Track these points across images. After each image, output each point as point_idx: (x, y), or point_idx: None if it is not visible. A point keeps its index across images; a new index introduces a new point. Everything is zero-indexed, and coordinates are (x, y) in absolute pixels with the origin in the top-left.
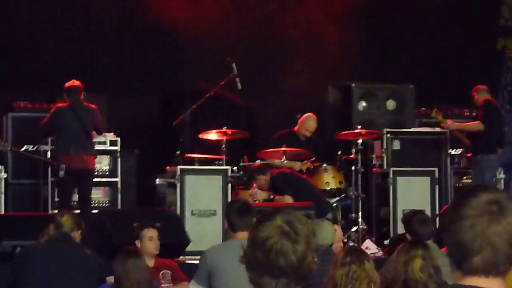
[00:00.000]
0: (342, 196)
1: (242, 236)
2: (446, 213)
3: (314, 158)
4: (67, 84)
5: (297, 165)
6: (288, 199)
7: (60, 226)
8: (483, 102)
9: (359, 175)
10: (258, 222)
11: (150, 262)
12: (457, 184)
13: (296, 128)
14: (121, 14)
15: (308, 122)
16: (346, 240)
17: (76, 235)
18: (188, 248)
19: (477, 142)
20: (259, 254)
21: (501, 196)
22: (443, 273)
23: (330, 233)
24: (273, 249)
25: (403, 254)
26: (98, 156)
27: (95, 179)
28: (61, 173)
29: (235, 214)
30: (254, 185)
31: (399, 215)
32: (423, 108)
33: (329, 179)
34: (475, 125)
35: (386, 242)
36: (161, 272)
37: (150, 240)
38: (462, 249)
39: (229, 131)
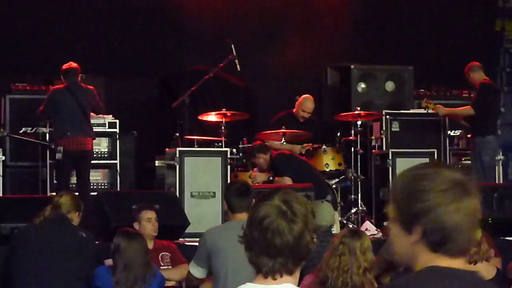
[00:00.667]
0: (341, 177)
1: (242, 217)
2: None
3: (312, 141)
4: (65, 66)
5: (296, 148)
6: (287, 181)
7: (58, 207)
8: (479, 85)
9: (358, 157)
10: (257, 201)
11: (149, 244)
12: (456, 165)
13: (294, 110)
14: None
15: (305, 103)
16: (345, 221)
17: (74, 216)
18: (187, 230)
19: (474, 125)
20: (256, 234)
21: (460, 174)
22: None
23: (330, 214)
24: (269, 229)
25: None
26: (97, 138)
27: (94, 161)
28: (59, 156)
29: (235, 195)
30: (255, 169)
31: None
32: (422, 90)
33: (329, 161)
34: (466, 109)
35: (385, 223)
36: (160, 254)
37: (148, 222)
38: (447, 233)
39: (229, 113)
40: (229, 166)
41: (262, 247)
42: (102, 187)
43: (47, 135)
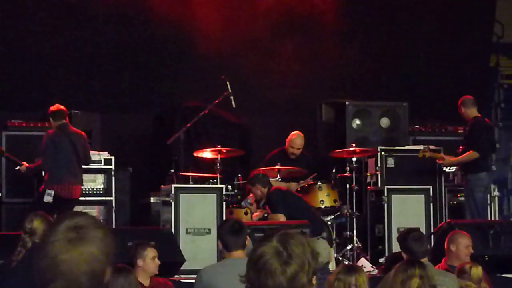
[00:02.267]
0: (336, 214)
1: (237, 255)
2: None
3: (311, 176)
4: (54, 108)
5: (292, 186)
6: (281, 218)
7: (33, 233)
8: (472, 122)
9: (354, 193)
10: (259, 241)
11: (146, 282)
12: (452, 202)
13: (286, 147)
14: (114, 33)
15: (293, 140)
16: (341, 258)
17: None
18: (183, 267)
19: (467, 162)
20: (252, 273)
21: (85, 223)
22: None
23: (325, 251)
24: (263, 269)
25: (401, 273)
26: (93, 175)
27: (90, 198)
28: (48, 199)
29: (228, 233)
30: (255, 214)
31: (394, 233)
32: (417, 126)
33: (324, 197)
34: (470, 154)
35: (381, 260)
36: None
37: (153, 260)
38: (41, 277)
39: (224, 149)
40: (224, 203)
41: (256, 287)
42: None
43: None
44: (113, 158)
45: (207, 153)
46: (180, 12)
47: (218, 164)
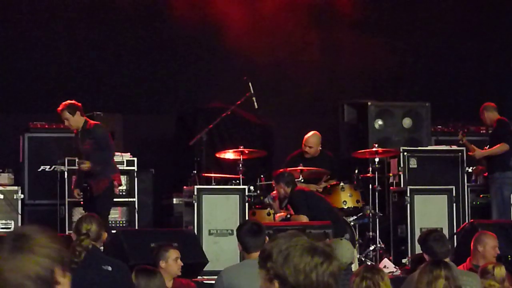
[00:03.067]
0: (359, 214)
1: (257, 256)
2: None
3: (325, 178)
4: (77, 103)
5: (312, 187)
6: (304, 218)
7: (89, 235)
8: (497, 122)
9: (376, 194)
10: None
11: (169, 283)
12: (475, 202)
13: (302, 146)
14: (136, 33)
15: (307, 139)
16: (363, 259)
17: (104, 236)
18: (206, 268)
19: (493, 161)
20: None
21: (29, 232)
22: None
23: (349, 252)
24: None
25: (426, 274)
26: None
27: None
28: (117, 190)
29: (247, 235)
30: (278, 215)
31: (417, 234)
32: (439, 126)
33: (346, 198)
34: (500, 147)
35: (404, 260)
36: None
37: (175, 261)
38: None
39: (246, 150)
40: (247, 204)
41: None
42: (120, 225)
43: (65, 173)
44: (135, 159)
45: (229, 154)
46: (202, 11)
47: (240, 165)
